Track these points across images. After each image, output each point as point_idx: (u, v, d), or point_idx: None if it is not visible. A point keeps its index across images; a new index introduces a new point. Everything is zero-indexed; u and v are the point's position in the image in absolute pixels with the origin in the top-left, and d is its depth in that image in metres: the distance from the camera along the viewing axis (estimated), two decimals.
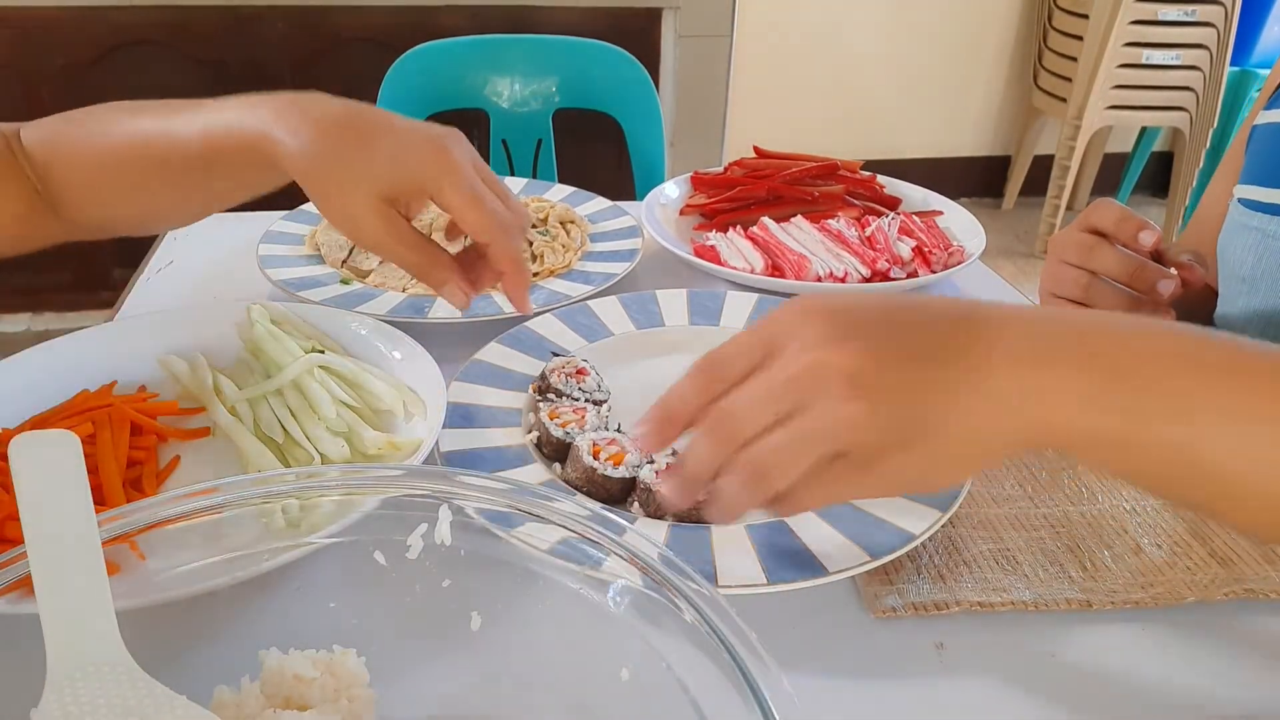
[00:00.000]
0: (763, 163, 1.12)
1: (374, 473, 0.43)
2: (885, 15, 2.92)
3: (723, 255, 0.91)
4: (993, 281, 0.95)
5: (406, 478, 0.41)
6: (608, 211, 1.02)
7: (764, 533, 0.53)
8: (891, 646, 0.50)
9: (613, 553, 0.38)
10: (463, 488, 0.40)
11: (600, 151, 1.82)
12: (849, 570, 0.50)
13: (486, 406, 0.65)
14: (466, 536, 0.40)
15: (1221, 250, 0.76)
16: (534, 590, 0.41)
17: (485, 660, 0.41)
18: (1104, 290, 0.74)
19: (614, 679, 0.38)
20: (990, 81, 3.12)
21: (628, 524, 0.39)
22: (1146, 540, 0.57)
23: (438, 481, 0.41)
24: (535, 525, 0.39)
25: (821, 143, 2.89)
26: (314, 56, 2.21)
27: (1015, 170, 3.21)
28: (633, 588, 0.37)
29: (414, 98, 1.45)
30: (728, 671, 0.32)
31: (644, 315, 0.78)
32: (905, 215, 0.99)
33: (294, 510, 0.46)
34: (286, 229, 0.94)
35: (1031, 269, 2.88)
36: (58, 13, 2.03)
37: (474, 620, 0.41)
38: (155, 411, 0.63)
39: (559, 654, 0.41)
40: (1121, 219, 0.72)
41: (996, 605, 0.51)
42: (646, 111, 1.47)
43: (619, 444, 0.59)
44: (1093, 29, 2.66)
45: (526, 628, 0.41)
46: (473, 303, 0.66)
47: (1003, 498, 0.60)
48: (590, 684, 0.39)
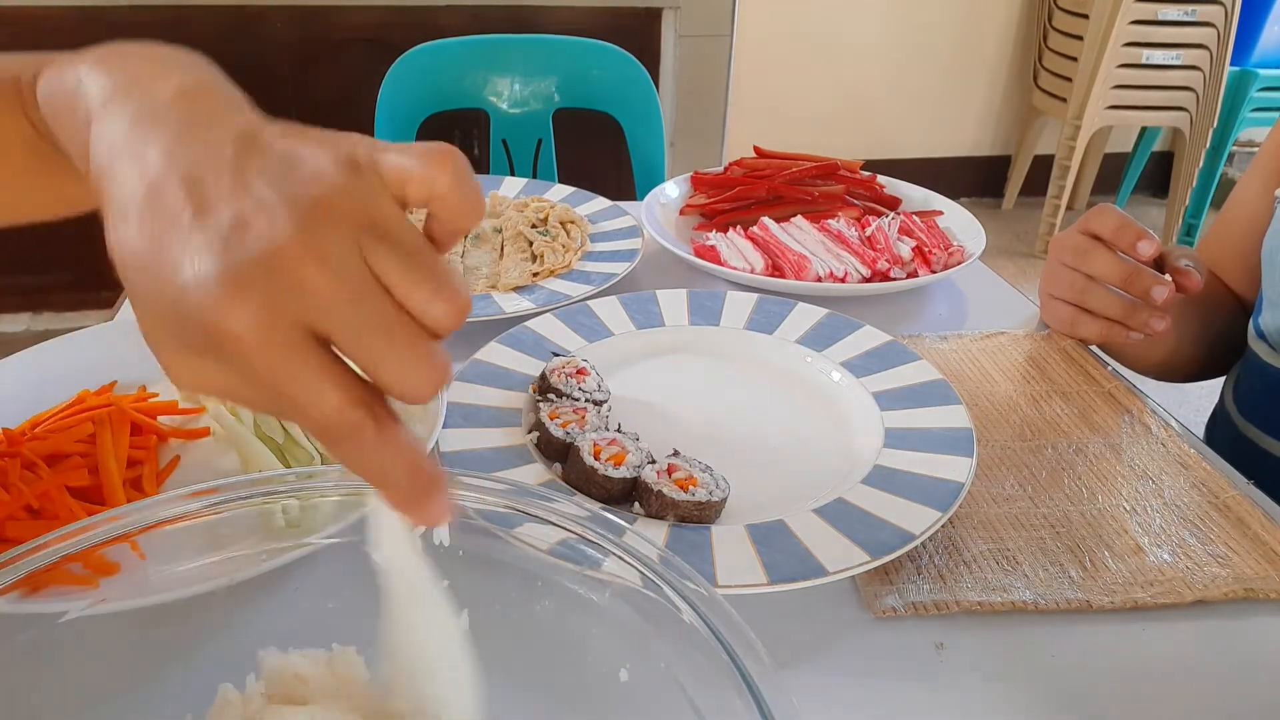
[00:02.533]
0: (763, 163, 1.12)
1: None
2: (885, 15, 2.93)
3: (723, 255, 0.91)
4: (993, 281, 0.95)
5: None
6: (608, 211, 1.02)
7: (764, 533, 0.53)
8: (891, 646, 0.50)
9: (611, 553, 0.38)
10: (462, 488, 0.40)
11: (600, 151, 1.82)
12: (849, 570, 0.50)
13: (486, 406, 0.65)
14: (465, 537, 0.40)
15: (1269, 254, 0.76)
16: (531, 590, 0.40)
17: (483, 660, 0.41)
18: (1099, 293, 0.74)
19: (612, 679, 0.38)
20: (990, 81, 3.13)
21: (626, 525, 0.39)
22: (1146, 540, 0.57)
23: None
24: (534, 525, 0.39)
25: (821, 143, 2.89)
26: (314, 56, 2.21)
27: (1015, 170, 3.21)
28: (631, 588, 0.37)
29: (414, 98, 1.45)
30: (726, 672, 0.32)
31: (644, 315, 0.78)
32: (905, 215, 0.99)
33: (294, 510, 0.46)
34: None
35: (1031, 269, 2.88)
36: (58, 13, 2.03)
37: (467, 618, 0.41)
38: (155, 411, 0.63)
39: (557, 654, 0.41)
40: (1120, 227, 0.72)
41: (996, 605, 0.51)
42: (646, 111, 1.47)
43: (619, 444, 0.59)
44: (1093, 29, 2.66)
45: (523, 628, 0.41)
46: (473, 303, 0.66)
47: (1003, 498, 0.60)
48: (588, 684, 0.39)
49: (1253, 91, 2.76)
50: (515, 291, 0.84)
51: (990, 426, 0.68)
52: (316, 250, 0.27)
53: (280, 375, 0.27)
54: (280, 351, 0.26)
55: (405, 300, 0.28)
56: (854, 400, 0.69)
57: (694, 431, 0.66)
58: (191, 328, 0.26)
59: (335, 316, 0.27)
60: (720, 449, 0.63)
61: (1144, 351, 0.82)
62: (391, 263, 0.28)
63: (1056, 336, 0.81)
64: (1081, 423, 0.69)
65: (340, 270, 0.27)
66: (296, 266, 0.26)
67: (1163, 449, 0.66)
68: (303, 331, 0.27)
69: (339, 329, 0.27)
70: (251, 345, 0.26)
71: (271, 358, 0.26)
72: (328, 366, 0.27)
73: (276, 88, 2.22)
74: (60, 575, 0.42)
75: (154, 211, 0.28)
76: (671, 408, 0.69)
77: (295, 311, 0.26)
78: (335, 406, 0.27)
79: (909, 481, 0.58)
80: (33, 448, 0.56)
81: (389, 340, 0.27)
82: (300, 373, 0.27)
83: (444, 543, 0.40)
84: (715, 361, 0.75)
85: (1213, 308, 0.85)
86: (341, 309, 0.27)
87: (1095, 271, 0.73)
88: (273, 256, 0.26)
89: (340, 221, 0.27)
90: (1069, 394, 0.72)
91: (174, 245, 0.27)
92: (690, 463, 0.58)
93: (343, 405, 0.27)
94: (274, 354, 0.26)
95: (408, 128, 1.46)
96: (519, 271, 0.87)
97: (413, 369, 0.28)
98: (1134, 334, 0.74)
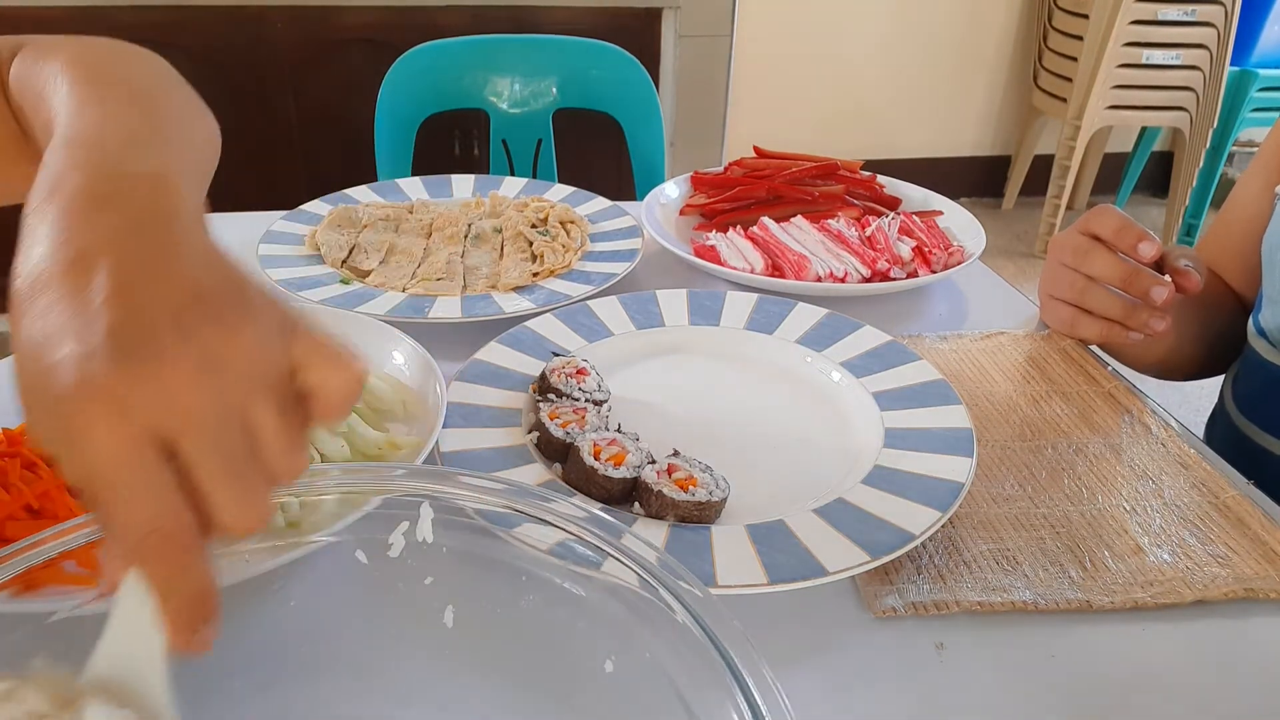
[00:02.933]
0: (763, 163, 1.11)
1: (374, 472, 0.43)
2: (885, 15, 2.92)
3: (723, 255, 0.91)
4: (993, 281, 0.95)
5: (406, 477, 0.41)
6: (608, 211, 1.02)
7: (764, 533, 0.53)
8: (891, 646, 0.50)
9: (608, 554, 0.38)
10: (461, 487, 0.40)
11: (600, 151, 1.82)
12: (849, 570, 0.50)
13: (486, 406, 0.65)
14: (463, 536, 0.40)
15: (1269, 252, 0.76)
16: (517, 586, 0.40)
17: (478, 657, 0.41)
18: (1099, 294, 0.74)
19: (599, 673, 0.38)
20: (990, 81, 3.12)
21: (625, 526, 0.39)
22: (1146, 540, 0.57)
23: (437, 481, 0.41)
24: (532, 526, 0.39)
25: (821, 143, 2.89)
26: (314, 56, 2.21)
27: (1015, 170, 3.21)
28: (625, 587, 0.37)
29: (414, 98, 1.45)
30: (718, 671, 0.32)
31: (644, 315, 0.78)
32: (905, 215, 0.99)
33: (294, 510, 0.46)
34: (286, 229, 0.94)
35: (1031, 269, 2.88)
36: (58, 13, 2.03)
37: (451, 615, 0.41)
38: None
39: (549, 654, 0.40)
40: (1121, 228, 0.72)
41: (996, 605, 0.51)
42: (646, 111, 1.47)
43: (619, 444, 0.59)
44: (1093, 29, 2.66)
45: (510, 623, 0.41)
46: (473, 303, 0.66)
47: (1003, 498, 0.60)
48: (573, 675, 0.39)
49: (1253, 91, 2.76)
50: (515, 291, 0.84)
51: (990, 426, 0.68)
52: (203, 368, 0.27)
53: (113, 470, 0.27)
54: (123, 447, 0.26)
55: (265, 451, 0.29)
56: (854, 400, 0.69)
57: (694, 431, 0.66)
58: (51, 398, 0.27)
59: (196, 435, 0.27)
60: (720, 449, 0.63)
61: (1143, 351, 0.82)
62: (267, 415, 0.29)
63: (1056, 336, 0.81)
64: (1081, 423, 0.69)
65: (218, 395, 0.28)
66: (174, 374, 0.27)
67: (1163, 449, 0.66)
68: (152, 437, 0.27)
69: (194, 447, 0.27)
70: (95, 432, 0.26)
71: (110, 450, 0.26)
72: (165, 478, 0.27)
73: (276, 88, 2.22)
74: (59, 575, 0.42)
75: (63, 283, 0.28)
76: (671, 408, 0.69)
77: (150, 416, 0.27)
78: (152, 516, 0.27)
79: (909, 481, 0.58)
80: (33, 448, 0.56)
81: (238, 474, 0.28)
82: (138, 473, 0.27)
83: (426, 540, 0.40)
84: (715, 361, 0.75)
85: (1212, 307, 0.85)
86: (206, 430, 0.27)
87: (1095, 272, 0.73)
88: (160, 360, 0.27)
89: (239, 359, 0.28)
90: (1069, 394, 0.72)
91: (65, 320, 0.27)
92: (690, 463, 0.58)
93: (161, 515, 0.27)
94: (115, 448, 0.26)
95: (408, 128, 1.46)
96: (519, 271, 0.87)
97: (251, 508, 0.29)
98: (1134, 334, 0.74)
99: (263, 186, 2.22)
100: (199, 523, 0.28)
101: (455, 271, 0.88)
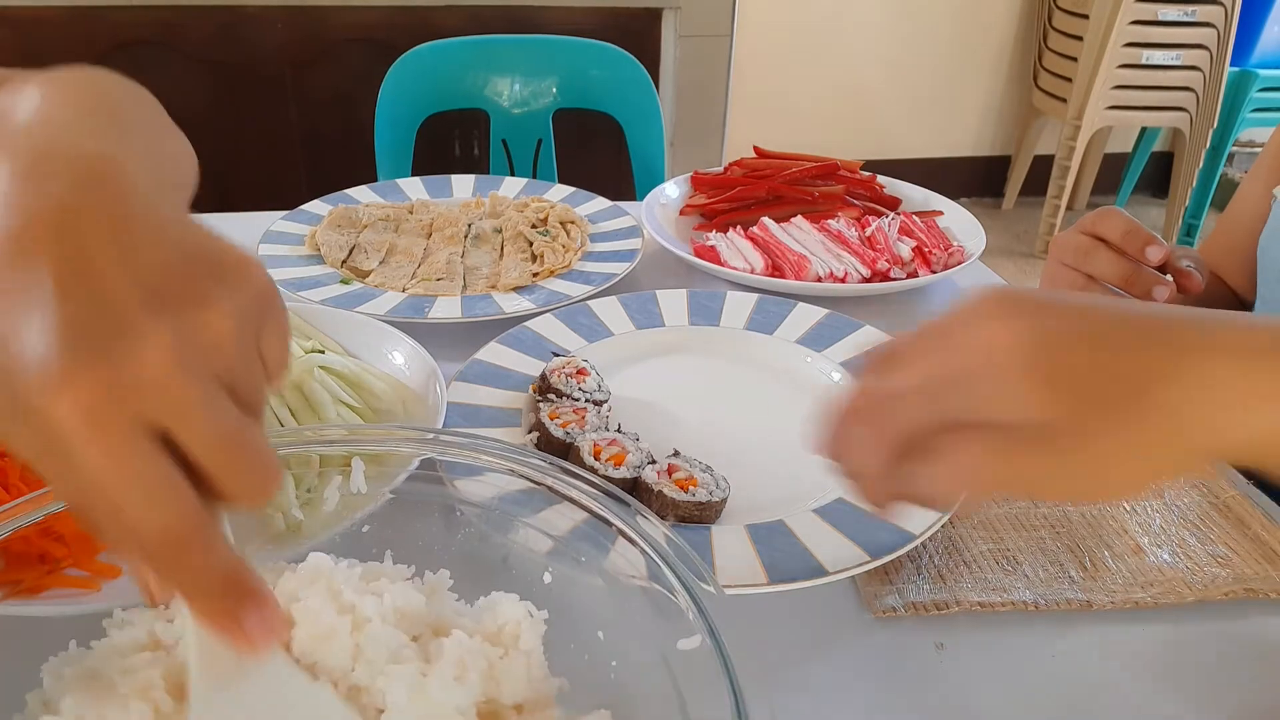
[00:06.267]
0: (763, 163, 1.12)
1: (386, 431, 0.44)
2: (885, 15, 2.92)
3: (723, 255, 0.91)
4: (992, 281, 0.95)
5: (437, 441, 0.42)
6: (608, 211, 1.02)
7: (764, 533, 0.53)
8: (891, 646, 0.50)
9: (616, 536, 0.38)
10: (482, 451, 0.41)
11: (600, 151, 1.81)
12: (849, 570, 0.50)
13: (486, 406, 0.65)
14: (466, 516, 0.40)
15: (1264, 251, 0.75)
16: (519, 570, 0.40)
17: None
18: (1099, 294, 0.74)
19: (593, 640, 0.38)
20: (990, 81, 3.12)
21: (623, 520, 0.39)
22: (1146, 540, 0.57)
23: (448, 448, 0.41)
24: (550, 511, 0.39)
25: (821, 143, 2.89)
26: (313, 56, 2.21)
27: (1015, 170, 3.21)
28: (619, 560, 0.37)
29: (414, 98, 1.45)
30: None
31: (644, 315, 0.78)
32: (905, 215, 0.99)
33: (293, 515, 0.46)
34: (286, 229, 0.94)
35: (1031, 269, 2.88)
36: (58, 13, 2.03)
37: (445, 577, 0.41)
38: None
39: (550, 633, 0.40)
40: (1129, 231, 0.72)
41: (996, 605, 0.51)
42: (646, 111, 1.47)
43: (620, 444, 0.59)
44: (1093, 29, 2.66)
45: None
46: (473, 303, 0.66)
47: (1002, 498, 0.60)
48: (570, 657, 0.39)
49: (1253, 92, 2.76)
50: (515, 291, 0.84)
51: None
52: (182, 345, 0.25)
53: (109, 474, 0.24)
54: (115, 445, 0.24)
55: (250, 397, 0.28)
56: None
57: (694, 431, 0.66)
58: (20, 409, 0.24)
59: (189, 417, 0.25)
60: (720, 449, 0.63)
61: None
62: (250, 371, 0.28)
63: None
64: None
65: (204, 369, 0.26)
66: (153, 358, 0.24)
67: None
68: (144, 427, 0.24)
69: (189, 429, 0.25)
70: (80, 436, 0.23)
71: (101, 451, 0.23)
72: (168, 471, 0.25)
73: (276, 88, 2.22)
74: (61, 579, 0.43)
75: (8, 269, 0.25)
76: (671, 408, 0.69)
77: (136, 405, 0.24)
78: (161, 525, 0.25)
79: None
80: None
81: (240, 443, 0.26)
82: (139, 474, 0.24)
83: (360, 490, 0.42)
84: (715, 361, 0.75)
85: (1214, 308, 0.85)
86: (198, 410, 0.25)
87: (1096, 272, 0.73)
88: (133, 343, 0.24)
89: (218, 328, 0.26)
90: None
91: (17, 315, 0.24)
92: (690, 463, 0.58)
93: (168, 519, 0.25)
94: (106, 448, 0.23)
95: (408, 128, 1.46)
96: (519, 271, 0.87)
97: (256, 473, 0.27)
98: None
99: (263, 186, 2.23)
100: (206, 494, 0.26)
101: (455, 271, 0.88)
